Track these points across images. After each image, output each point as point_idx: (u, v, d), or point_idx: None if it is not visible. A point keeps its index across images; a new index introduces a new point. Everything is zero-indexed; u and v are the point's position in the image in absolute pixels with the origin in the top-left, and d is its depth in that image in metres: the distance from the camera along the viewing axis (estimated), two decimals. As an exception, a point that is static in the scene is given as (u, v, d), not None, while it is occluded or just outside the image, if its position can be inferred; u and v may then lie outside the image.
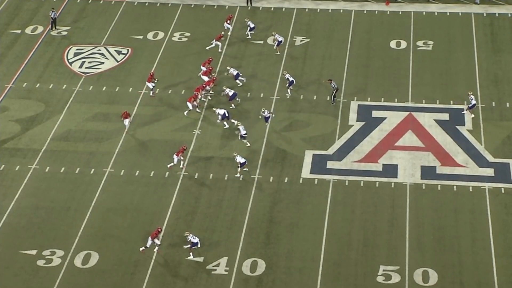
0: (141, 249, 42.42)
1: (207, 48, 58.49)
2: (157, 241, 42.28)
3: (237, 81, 54.42)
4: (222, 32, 59.48)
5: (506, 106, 52.46)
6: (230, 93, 52.58)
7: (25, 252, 42.87)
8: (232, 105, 52.57)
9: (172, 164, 47.79)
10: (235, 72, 54.38)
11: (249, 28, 60.03)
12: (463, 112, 51.87)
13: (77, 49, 59.67)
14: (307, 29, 61.38)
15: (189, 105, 51.99)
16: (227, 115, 51.00)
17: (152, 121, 52.19)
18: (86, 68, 57.52)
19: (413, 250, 42.56)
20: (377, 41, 59.61)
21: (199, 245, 42.36)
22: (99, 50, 59.60)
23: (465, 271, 41.41)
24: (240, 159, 47.32)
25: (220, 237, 43.61)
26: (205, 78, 54.17)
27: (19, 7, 64.89)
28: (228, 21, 60.37)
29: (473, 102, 51.49)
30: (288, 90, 53.70)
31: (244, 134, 49.30)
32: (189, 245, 42.24)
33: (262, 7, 63.80)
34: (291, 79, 53.56)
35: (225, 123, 51.16)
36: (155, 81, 54.06)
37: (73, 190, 46.88)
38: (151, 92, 54.04)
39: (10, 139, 50.90)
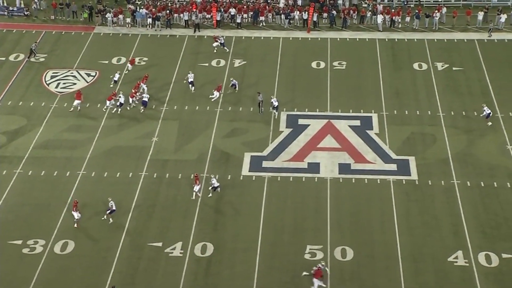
0: None
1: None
2: None
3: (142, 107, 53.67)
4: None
5: (405, 114, 53.08)
6: (145, 99, 53.43)
7: (13, 242, 42.14)
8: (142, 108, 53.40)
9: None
10: (146, 98, 53.66)
11: (221, 44, 60.49)
12: (489, 123, 50.35)
13: (53, 73, 58.71)
14: (244, 53, 61.35)
15: (108, 102, 53.26)
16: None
17: (117, 131, 51.66)
18: (61, 88, 56.62)
19: (333, 232, 42.85)
20: (301, 62, 59.87)
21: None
22: (72, 73, 58.74)
23: (375, 247, 41.87)
24: (214, 182, 45.06)
25: (175, 225, 43.37)
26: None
27: (3, 39, 63.60)
28: (216, 39, 60.97)
29: (486, 112, 50.19)
30: (276, 113, 52.52)
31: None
32: None
33: (207, 36, 63.63)
34: (275, 104, 52.35)
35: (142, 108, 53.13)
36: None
37: (52, 190, 46.20)
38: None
39: (-2, 148, 50.09)
